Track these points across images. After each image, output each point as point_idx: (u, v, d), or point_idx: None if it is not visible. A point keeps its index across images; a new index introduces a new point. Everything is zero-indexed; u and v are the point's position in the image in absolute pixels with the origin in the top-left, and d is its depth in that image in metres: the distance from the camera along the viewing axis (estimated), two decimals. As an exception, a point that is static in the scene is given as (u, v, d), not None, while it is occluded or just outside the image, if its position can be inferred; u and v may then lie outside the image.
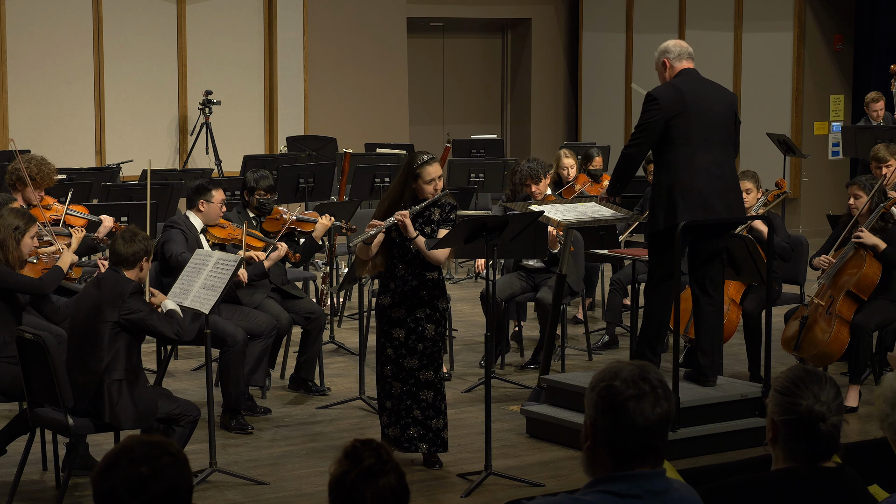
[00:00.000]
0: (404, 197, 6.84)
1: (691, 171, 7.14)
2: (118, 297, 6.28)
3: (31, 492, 6.64)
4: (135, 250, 6.39)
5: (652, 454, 3.05)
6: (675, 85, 7.26)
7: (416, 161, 6.83)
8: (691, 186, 7.13)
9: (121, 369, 6.28)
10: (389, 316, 6.88)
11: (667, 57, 7.37)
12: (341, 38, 15.93)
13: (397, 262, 6.86)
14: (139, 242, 6.42)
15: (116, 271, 6.41)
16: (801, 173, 15.26)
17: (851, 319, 8.06)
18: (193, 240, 7.89)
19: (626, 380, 3.04)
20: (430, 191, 6.81)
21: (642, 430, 3.02)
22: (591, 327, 9.87)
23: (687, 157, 7.15)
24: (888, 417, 3.37)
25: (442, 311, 6.92)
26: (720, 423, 7.31)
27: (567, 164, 10.43)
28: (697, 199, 7.13)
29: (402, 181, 6.87)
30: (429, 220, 6.86)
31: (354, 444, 2.92)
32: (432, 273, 6.87)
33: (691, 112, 7.16)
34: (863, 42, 15.37)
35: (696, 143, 7.16)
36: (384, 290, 6.91)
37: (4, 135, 13.94)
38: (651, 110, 7.18)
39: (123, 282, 6.36)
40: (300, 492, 6.66)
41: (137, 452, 2.78)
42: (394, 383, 6.89)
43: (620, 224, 9.25)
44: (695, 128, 7.16)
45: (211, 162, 14.11)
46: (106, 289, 6.34)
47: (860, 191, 8.28)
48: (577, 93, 17.57)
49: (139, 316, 6.29)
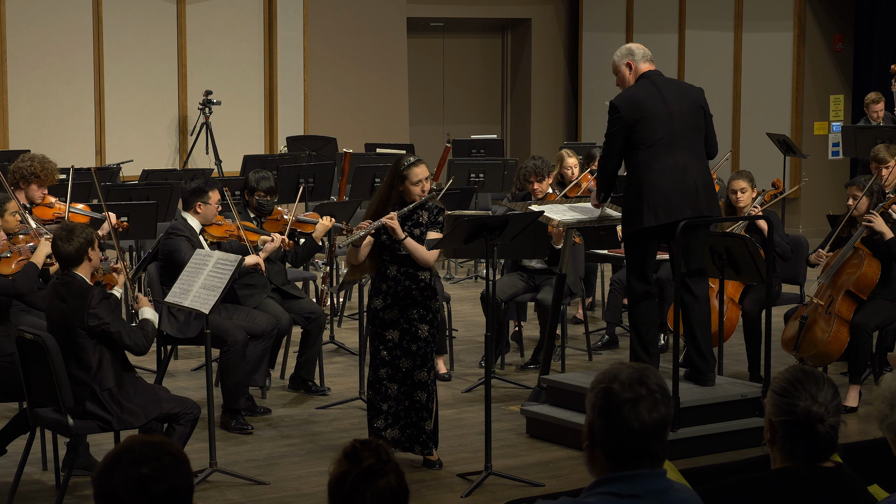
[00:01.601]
0: (392, 199, 6.85)
1: (654, 174, 7.17)
2: (82, 308, 6.17)
3: (31, 492, 6.64)
4: (77, 246, 6.23)
5: (648, 458, 3.05)
6: (635, 91, 7.31)
7: (402, 163, 6.84)
8: (654, 189, 7.17)
9: (110, 376, 6.24)
10: (382, 318, 6.88)
11: (632, 59, 7.39)
12: (341, 38, 15.93)
13: (388, 264, 6.86)
14: (78, 236, 6.26)
15: (72, 276, 6.26)
16: (801, 173, 15.26)
17: (851, 319, 8.07)
18: (196, 243, 7.89)
19: (625, 383, 3.04)
20: (418, 192, 6.81)
21: (637, 434, 3.02)
22: (591, 327, 9.87)
23: (648, 161, 7.20)
24: (887, 418, 3.37)
25: (435, 311, 6.92)
26: (720, 423, 7.31)
27: (570, 164, 10.42)
28: (661, 201, 7.15)
29: (389, 184, 6.88)
30: (417, 222, 6.86)
31: (354, 444, 2.92)
32: (424, 273, 6.88)
33: (652, 116, 7.20)
34: (863, 42, 15.37)
35: (658, 147, 7.19)
36: (376, 292, 6.92)
37: (4, 135, 13.95)
38: (613, 120, 7.27)
39: (84, 290, 6.21)
40: (300, 492, 6.67)
41: (138, 452, 2.79)
42: (390, 385, 6.89)
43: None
44: (657, 131, 7.19)
45: (211, 162, 14.11)
46: (70, 300, 6.21)
47: (859, 191, 8.28)
48: (577, 93, 17.57)
49: (104, 329, 6.19)
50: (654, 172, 7.17)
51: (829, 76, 15.37)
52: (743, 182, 8.65)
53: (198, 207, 8.01)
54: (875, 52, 15.07)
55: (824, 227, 9.55)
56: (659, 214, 7.17)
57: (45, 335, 6.14)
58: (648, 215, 7.17)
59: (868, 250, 8.11)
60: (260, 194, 8.45)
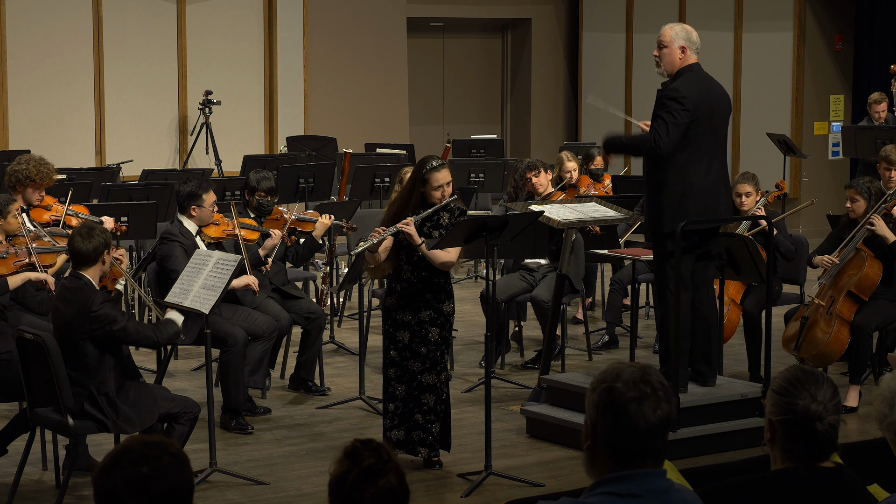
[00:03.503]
0: (412, 202, 6.84)
1: (703, 176, 7.07)
2: (85, 311, 6.16)
3: (31, 492, 6.64)
4: (95, 245, 6.23)
5: (652, 456, 3.06)
6: (699, 86, 7.08)
7: (425, 166, 6.82)
8: (702, 191, 7.07)
9: (110, 379, 6.24)
10: (394, 318, 6.88)
11: (688, 44, 7.16)
12: (341, 38, 15.93)
13: (404, 265, 6.86)
14: (98, 236, 6.26)
15: (78, 277, 6.24)
16: (801, 173, 15.26)
17: (852, 320, 8.07)
18: (191, 247, 7.85)
19: (628, 381, 3.04)
20: (438, 196, 6.80)
21: (643, 433, 3.02)
22: (591, 327, 9.87)
23: (697, 161, 7.07)
24: (887, 418, 3.37)
25: (447, 315, 6.90)
26: (720, 423, 7.31)
27: (570, 168, 10.39)
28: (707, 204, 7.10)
29: (411, 186, 6.87)
30: (437, 224, 6.86)
31: (354, 444, 2.92)
32: (439, 277, 6.86)
33: (710, 116, 7.09)
34: (863, 42, 15.37)
35: (708, 147, 7.10)
36: (390, 291, 6.92)
37: (4, 135, 13.94)
38: (679, 109, 6.95)
39: (87, 293, 6.19)
40: (300, 492, 6.67)
41: (138, 453, 2.78)
42: (397, 386, 6.89)
43: (621, 224, 9.25)
44: (706, 133, 7.09)
45: (211, 162, 14.10)
46: (73, 303, 6.20)
47: (857, 194, 8.27)
48: (577, 93, 17.56)
49: (109, 329, 6.18)
50: (704, 175, 7.05)
51: (829, 76, 15.37)
52: (748, 186, 8.62)
53: (192, 211, 7.96)
54: (875, 52, 15.07)
55: (824, 227, 9.54)
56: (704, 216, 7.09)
57: (45, 335, 6.13)
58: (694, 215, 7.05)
59: (870, 251, 8.11)
60: (260, 194, 8.45)
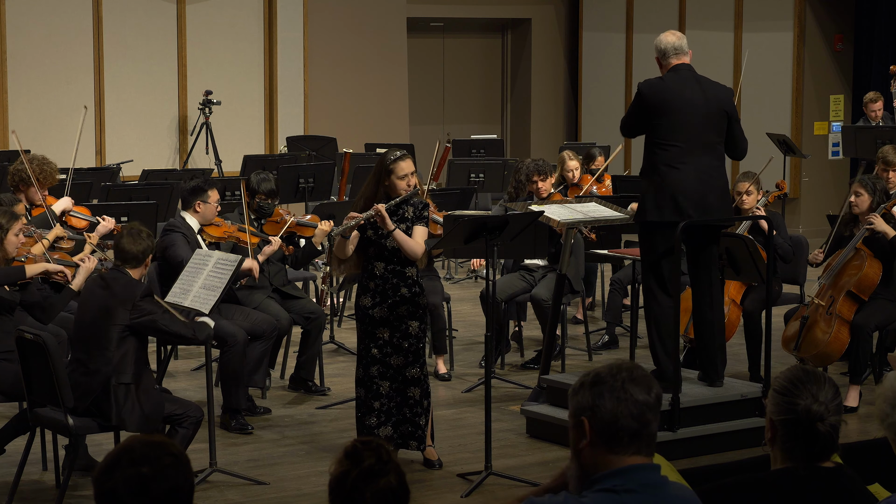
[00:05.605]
0: (378, 194, 6.86)
1: (677, 172, 7.13)
2: (129, 299, 6.25)
3: (31, 492, 6.64)
4: (143, 248, 6.38)
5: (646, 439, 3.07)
6: (661, 83, 7.30)
7: (388, 158, 6.84)
8: (675, 187, 7.12)
9: (129, 372, 6.27)
10: (372, 316, 6.87)
11: (660, 56, 7.37)
12: (341, 38, 15.93)
13: (374, 261, 6.86)
14: (145, 240, 6.41)
15: (122, 272, 6.38)
16: (801, 173, 15.26)
17: (851, 319, 8.07)
18: (193, 241, 7.89)
19: (612, 369, 3.11)
20: (404, 186, 6.81)
21: (642, 406, 3.05)
22: (591, 327, 9.87)
23: (669, 157, 7.15)
24: (888, 417, 3.37)
25: (424, 307, 6.92)
26: (720, 423, 7.31)
27: (572, 167, 10.40)
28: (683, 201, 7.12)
29: (376, 178, 6.88)
30: (402, 217, 6.86)
31: (355, 444, 2.92)
32: (411, 269, 6.87)
33: (673, 111, 7.15)
34: (863, 42, 15.37)
35: (680, 143, 7.14)
36: (364, 290, 6.91)
37: (4, 135, 13.95)
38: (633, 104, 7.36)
39: (134, 284, 6.34)
40: (300, 492, 6.67)
41: (138, 452, 2.79)
42: (381, 383, 6.88)
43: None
44: (675, 127, 7.15)
45: (211, 162, 14.11)
46: (117, 290, 6.29)
47: (862, 188, 8.26)
48: (577, 93, 17.57)
49: (151, 318, 6.27)
50: (672, 171, 7.13)
51: (829, 76, 15.37)
52: (748, 184, 8.63)
53: (197, 206, 7.99)
54: (875, 52, 15.07)
55: (824, 227, 9.55)
56: (664, 212, 7.15)
57: (45, 335, 6.13)
58: (652, 211, 7.15)
59: (869, 251, 8.11)
60: (261, 196, 8.46)
